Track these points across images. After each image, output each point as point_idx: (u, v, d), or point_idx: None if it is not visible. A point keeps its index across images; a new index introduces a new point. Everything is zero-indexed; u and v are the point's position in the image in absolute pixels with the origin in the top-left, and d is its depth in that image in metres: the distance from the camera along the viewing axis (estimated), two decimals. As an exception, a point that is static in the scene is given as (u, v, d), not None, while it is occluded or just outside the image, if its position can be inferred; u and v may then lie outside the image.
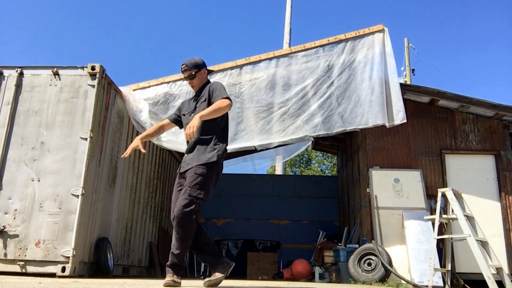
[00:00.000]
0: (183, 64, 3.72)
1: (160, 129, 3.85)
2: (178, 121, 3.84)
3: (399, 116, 6.42)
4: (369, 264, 6.43)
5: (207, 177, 3.39)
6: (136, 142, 3.63)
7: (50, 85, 5.47)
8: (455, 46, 48.92)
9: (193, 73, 3.69)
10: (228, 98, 3.49)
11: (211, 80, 6.08)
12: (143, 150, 3.61)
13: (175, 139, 6.42)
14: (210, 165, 3.42)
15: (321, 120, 6.50)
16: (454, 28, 48.88)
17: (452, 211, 5.91)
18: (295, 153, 12.85)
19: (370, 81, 6.58)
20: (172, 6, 58.59)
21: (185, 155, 3.62)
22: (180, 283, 3.34)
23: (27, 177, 5.14)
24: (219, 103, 3.41)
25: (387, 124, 6.49)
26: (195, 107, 3.67)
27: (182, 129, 3.88)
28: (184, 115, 3.77)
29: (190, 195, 3.30)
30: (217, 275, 3.46)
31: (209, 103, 3.56)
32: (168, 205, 9.03)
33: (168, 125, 3.86)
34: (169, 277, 3.32)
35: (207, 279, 3.46)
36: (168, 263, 3.42)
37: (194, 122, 3.24)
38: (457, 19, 48.65)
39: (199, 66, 3.73)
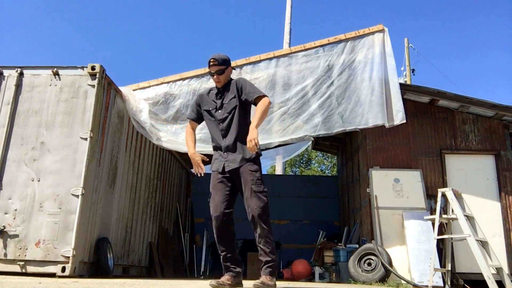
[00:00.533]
0: (212, 58, 3.66)
1: (193, 132, 3.88)
2: (199, 119, 3.86)
3: (399, 116, 6.42)
4: (369, 264, 6.43)
5: (260, 170, 3.55)
6: (198, 158, 3.66)
7: (50, 85, 5.47)
8: (455, 46, 48.95)
9: (222, 68, 3.67)
10: (265, 95, 3.56)
11: (209, 81, 6.12)
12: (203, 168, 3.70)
13: (175, 139, 6.42)
14: (257, 160, 3.56)
15: (321, 120, 6.49)
16: (454, 28, 48.91)
17: (452, 211, 5.91)
18: (295, 153, 12.84)
19: (370, 81, 6.58)
20: (172, 6, 58.62)
21: (224, 153, 3.60)
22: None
23: (27, 177, 5.14)
24: (262, 105, 3.47)
25: (386, 124, 6.49)
26: (222, 104, 3.65)
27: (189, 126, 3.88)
28: (208, 111, 3.72)
29: (258, 191, 3.43)
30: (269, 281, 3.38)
31: (240, 100, 3.60)
32: (168, 205, 9.02)
33: (194, 125, 3.88)
34: (268, 281, 3.35)
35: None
36: (266, 260, 3.43)
37: (254, 135, 3.32)
38: (457, 19, 48.67)
39: (227, 63, 3.73)
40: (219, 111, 3.65)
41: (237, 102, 3.61)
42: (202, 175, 3.70)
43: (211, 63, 3.67)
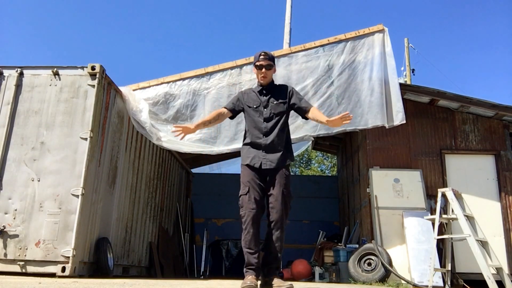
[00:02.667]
0: (263, 52, 3.72)
1: (219, 116, 3.81)
2: (234, 111, 3.85)
3: (399, 117, 6.42)
4: (369, 264, 6.43)
5: (290, 177, 3.70)
6: (189, 130, 3.66)
7: (50, 85, 5.47)
8: (455, 46, 48.95)
9: (271, 64, 3.75)
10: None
11: (210, 81, 6.12)
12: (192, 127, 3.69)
13: (175, 139, 6.41)
14: (289, 167, 3.71)
15: (321, 120, 6.49)
16: (454, 28, 48.91)
17: (452, 211, 5.92)
18: (295, 153, 12.84)
19: (370, 82, 6.57)
20: (172, 6, 58.62)
21: (263, 151, 3.62)
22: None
23: (27, 177, 5.14)
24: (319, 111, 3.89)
25: (386, 125, 6.49)
26: (268, 103, 3.71)
27: (216, 121, 3.85)
28: (251, 107, 3.76)
29: (287, 196, 3.59)
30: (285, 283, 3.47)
31: (289, 106, 3.73)
32: (168, 205, 9.02)
33: (225, 114, 3.83)
34: (282, 282, 3.46)
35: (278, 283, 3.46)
36: (276, 266, 3.59)
37: (337, 119, 3.48)
38: (457, 19, 48.68)
39: (274, 62, 3.81)
40: (265, 109, 3.70)
41: (286, 107, 3.71)
42: (176, 135, 3.72)
43: (261, 57, 3.71)
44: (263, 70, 3.71)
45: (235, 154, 10.19)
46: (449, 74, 45.81)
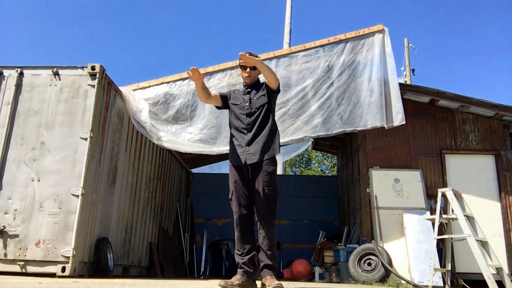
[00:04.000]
0: (248, 53, 3.74)
1: (211, 97, 3.88)
2: (224, 99, 3.88)
3: (398, 118, 6.40)
4: (369, 264, 6.43)
5: (275, 171, 3.61)
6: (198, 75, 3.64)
7: (50, 85, 5.47)
8: (455, 46, 48.95)
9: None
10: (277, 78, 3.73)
11: (210, 81, 6.15)
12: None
13: (175, 139, 6.42)
14: (275, 159, 3.63)
15: (321, 121, 6.48)
16: (454, 28, 48.91)
17: (452, 211, 5.92)
18: (295, 153, 12.86)
19: (370, 83, 6.56)
20: (172, 6, 58.63)
21: (246, 146, 3.64)
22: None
23: (27, 177, 5.14)
24: (272, 72, 3.71)
25: (385, 126, 6.47)
26: (250, 99, 3.75)
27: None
28: (236, 104, 3.81)
29: (269, 194, 3.53)
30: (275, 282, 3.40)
31: (268, 98, 3.74)
32: (168, 205, 9.03)
33: (216, 98, 3.88)
34: (276, 280, 3.38)
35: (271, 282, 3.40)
36: (268, 264, 3.50)
37: (253, 59, 3.54)
38: (457, 19, 48.68)
39: None
40: (247, 105, 3.73)
41: (266, 100, 3.72)
42: (189, 73, 3.68)
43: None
44: (248, 70, 3.78)
45: (235, 154, 10.23)
46: (449, 74, 45.82)
